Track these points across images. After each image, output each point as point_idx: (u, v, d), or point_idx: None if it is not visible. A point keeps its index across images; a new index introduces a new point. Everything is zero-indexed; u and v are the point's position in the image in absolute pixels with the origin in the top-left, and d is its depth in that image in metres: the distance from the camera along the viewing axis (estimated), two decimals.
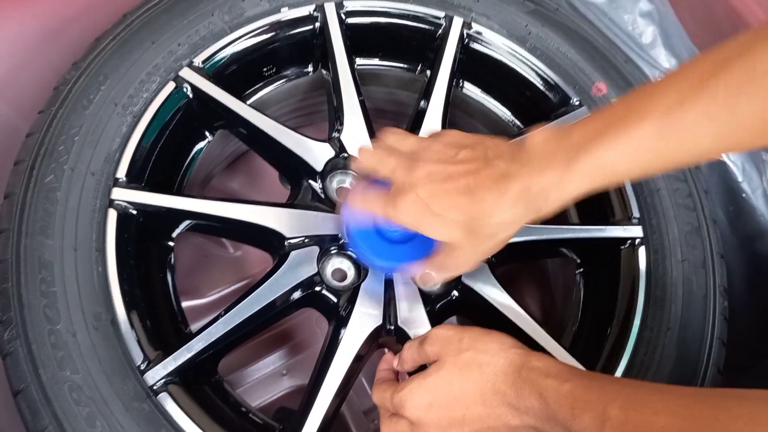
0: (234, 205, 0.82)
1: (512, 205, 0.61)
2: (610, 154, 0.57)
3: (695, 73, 0.55)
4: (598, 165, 0.58)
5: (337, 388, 0.75)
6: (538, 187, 0.60)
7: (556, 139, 0.61)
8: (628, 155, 0.57)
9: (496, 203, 0.61)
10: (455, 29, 0.98)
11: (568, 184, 0.59)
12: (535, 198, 0.61)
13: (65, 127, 0.79)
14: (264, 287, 0.78)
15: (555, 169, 0.59)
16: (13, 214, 0.74)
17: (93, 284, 0.72)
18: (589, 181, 0.59)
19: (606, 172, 0.59)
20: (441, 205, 0.63)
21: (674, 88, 0.56)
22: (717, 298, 0.87)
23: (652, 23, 1.09)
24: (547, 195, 0.60)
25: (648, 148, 0.56)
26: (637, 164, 0.58)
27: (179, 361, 0.72)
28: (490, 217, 0.62)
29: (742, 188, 1.02)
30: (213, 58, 0.89)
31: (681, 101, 0.55)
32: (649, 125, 0.56)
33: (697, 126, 0.54)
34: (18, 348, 0.68)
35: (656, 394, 0.53)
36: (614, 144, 0.57)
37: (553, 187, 0.60)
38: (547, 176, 0.59)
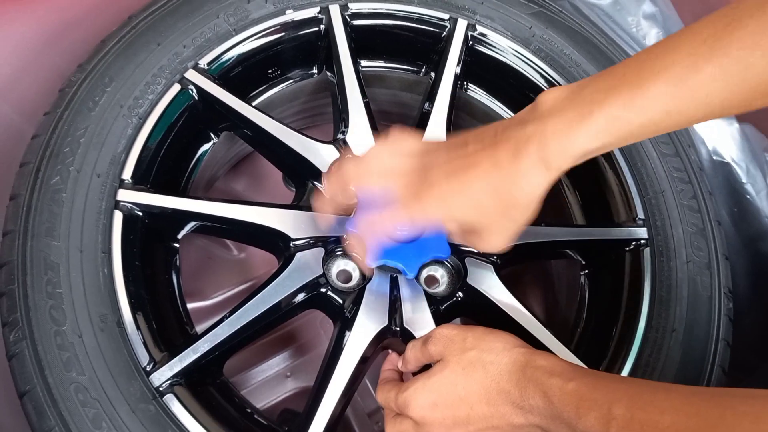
0: (239, 206, 0.82)
1: (534, 165, 0.60)
2: (622, 110, 0.57)
3: (709, 29, 0.55)
4: (611, 121, 0.57)
5: (342, 390, 0.75)
6: (553, 145, 0.59)
7: (568, 96, 0.60)
8: (641, 112, 0.57)
9: (519, 170, 0.60)
10: (459, 31, 0.98)
11: (581, 138, 0.58)
12: (554, 154, 0.59)
13: (71, 129, 0.79)
14: (269, 289, 0.78)
15: (567, 122, 0.58)
16: (18, 215, 0.74)
17: (99, 286, 0.72)
18: (603, 136, 0.58)
19: (619, 128, 0.58)
20: (466, 196, 0.62)
21: (688, 44, 0.55)
22: (722, 300, 0.87)
23: (656, 25, 1.09)
24: (563, 150, 0.59)
25: (661, 104, 0.56)
26: (650, 121, 0.57)
27: (185, 363, 0.72)
28: (518, 185, 0.61)
29: (747, 190, 1.02)
30: (218, 60, 0.89)
31: (694, 57, 0.54)
32: (663, 83, 0.55)
33: (710, 82, 0.54)
34: (24, 349, 0.68)
35: (662, 392, 0.53)
36: (627, 100, 0.56)
37: (568, 142, 0.59)
38: (561, 131, 0.58)
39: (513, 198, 0.61)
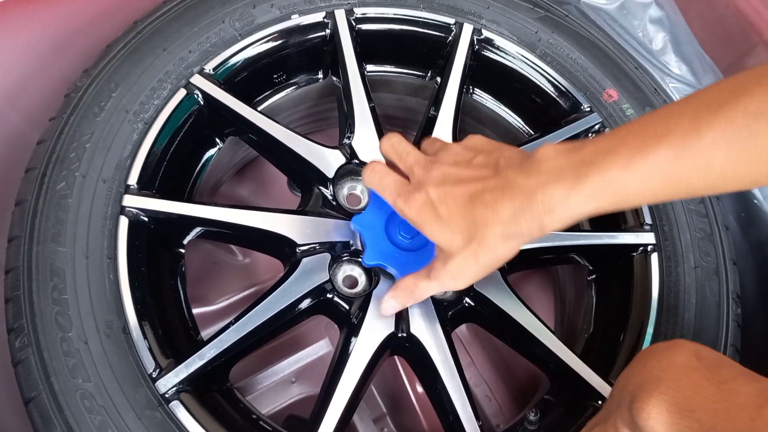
0: (245, 211, 0.82)
1: (514, 217, 0.59)
2: (620, 174, 0.55)
3: (714, 96, 0.54)
4: (607, 184, 0.56)
5: (349, 397, 0.75)
6: (543, 202, 0.57)
7: (567, 153, 0.58)
8: (639, 176, 0.55)
9: (498, 213, 0.59)
10: (465, 36, 0.97)
11: (574, 201, 0.57)
12: (540, 213, 0.58)
13: (76, 134, 0.79)
14: (275, 294, 0.78)
15: (562, 184, 0.57)
16: (24, 221, 0.74)
17: (105, 292, 0.72)
18: (597, 200, 0.57)
19: (615, 192, 0.56)
20: (446, 209, 0.62)
21: (692, 108, 0.54)
22: (730, 305, 0.87)
23: (662, 29, 1.09)
24: (552, 210, 0.58)
25: (660, 170, 0.54)
26: (648, 187, 0.55)
27: (191, 369, 0.71)
28: (491, 228, 0.60)
29: (754, 194, 1.02)
30: (224, 65, 0.89)
31: (697, 123, 0.53)
32: (664, 148, 0.54)
33: (712, 149, 0.52)
34: (30, 356, 0.68)
35: None
36: (626, 164, 0.55)
37: (559, 203, 0.57)
38: (554, 191, 0.57)
39: (480, 235, 0.62)
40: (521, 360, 0.89)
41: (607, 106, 0.97)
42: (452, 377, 0.78)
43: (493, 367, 1.13)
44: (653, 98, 0.99)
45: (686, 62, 1.07)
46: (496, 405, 1.10)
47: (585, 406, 0.81)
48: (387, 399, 1.09)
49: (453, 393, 0.77)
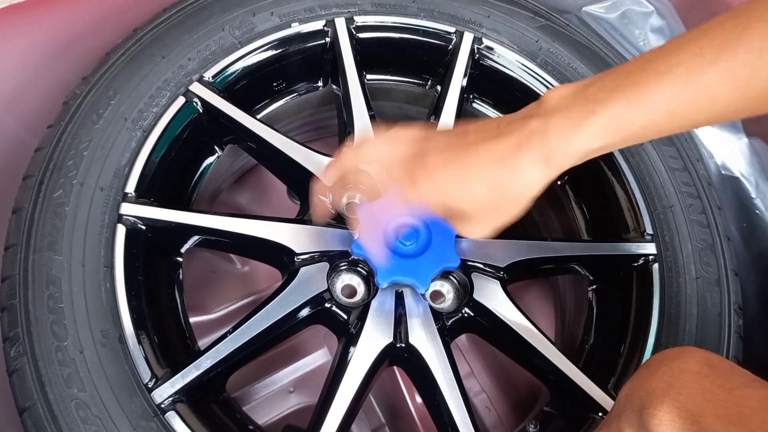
0: (243, 220, 0.81)
1: (534, 162, 0.59)
2: (626, 110, 0.56)
3: (717, 30, 0.54)
4: (612, 120, 0.57)
5: (347, 407, 0.74)
6: (556, 142, 0.58)
7: (573, 94, 0.59)
8: (645, 113, 0.56)
9: (518, 165, 0.59)
10: (466, 44, 0.97)
11: (583, 137, 0.58)
12: (555, 152, 0.58)
13: (74, 142, 0.78)
14: (273, 304, 0.77)
15: (570, 120, 0.58)
16: (21, 229, 0.73)
17: (101, 300, 0.72)
18: (605, 135, 0.57)
19: (621, 128, 0.57)
20: (463, 185, 0.61)
21: (695, 44, 0.54)
22: (732, 316, 0.86)
23: (663, 38, 1.09)
24: (565, 148, 0.58)
25: (666, 105, 0.55)
26: (653, 122, 0.57)
27: (187, 379, 0.71)
28: (515, 180, 0.60)
29: (756, 205, 1.01)
30: (223, 72, 0.88)
31: (700, 59, 0.53)
32: (669, 84, 0.55)
33: (716, 84, 0.53)
34: (25, 365, 0.67)
35: None
36: (631, 101, 0.56)
37: (570, 140, 0.58)
38: (564, 128, 0.58)
39: (508, 192, 0.61)
40: (521, 370, 0.88)
41: None
42: (451, 388, 0.77)
43: (493, 378, 1.12)
44: None
45: None
46: (496, 416, 1.09)
47: (585, 418, 0.80)
48: (386, 410, 1.08)
49: (452, 404, 0.76)
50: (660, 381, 0.52)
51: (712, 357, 0.53)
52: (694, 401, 0.49)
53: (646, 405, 0.51)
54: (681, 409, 0.49)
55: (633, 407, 0.53)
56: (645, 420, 0.51)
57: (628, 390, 0.55)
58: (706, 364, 0.52)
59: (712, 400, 0.49)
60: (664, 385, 0.51)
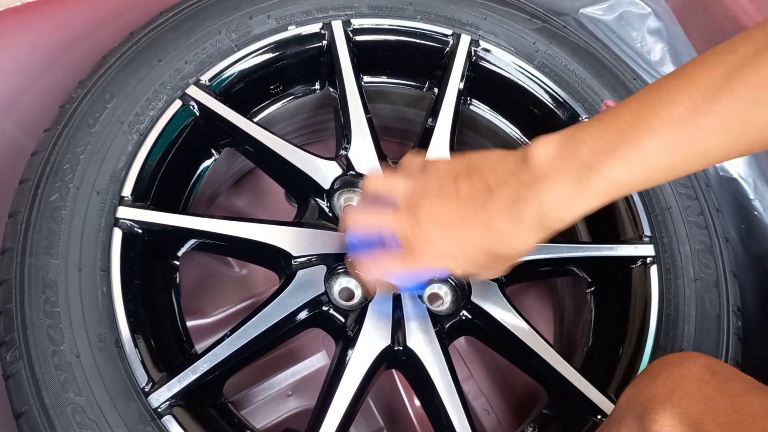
0: (240, 223, 0.81)
1: (528, 230, 0.60)
2: (620, 172, 0.56)
3: (706, 79, 0.53)
4: (610, 182, 0.57)
5: (345, 411, 0.74)
6: (550, 209, 0.59)
7: (563, 158, 0.58)
8: (640, 170, 0.56)
9: (513, 232, 0.61)
10: (463, 47, 0.97)
11: (579, 202, 0.58)
12: (549, 219, 0.59)
13: (71, 145, 0.78)
14: (270, 307, 0.77)
15: (566, 189, 0.57)
16: (17, 233, 0.73)
17: (97, 304, 0.71)
18: (599, 198, 0.58)
19: (618, 188, 0.57)
20: (458, 247, 0.63)
21: (685, 96, 0.54)
22: (731, 318, 0.86)
23: (661, 40, 1.09)
24: (560, 215, 0.59)
25: (659, 161, 0.55)
26: (648, 177, 0.57)
27: (184, 383, 0.70)
28: (509, 245, 0.62)
29: (754, 206, 1.01)
30: (220, 76, 0.88)
31: (694, 112, 0.53)
32: (662, 139, 0.54)
33: (709, 138, 0.53)
34: (21, 369, 0.67)
35: None
36: (626, 161, 0.55)
37: (565, 207, 0.58)
38: (559, 197, 0.58)
39: (504, 254, 0.64)
40: (520, 373, 0.88)
41: None
42: (449, 391, 0.77)
43: (492, 380, 1.12)
44: None
45: None
46: (495, 419, 1.08)
47: (584, 421, 0.80)
48: (384, 413, 1.08)
49: (450, 408, 0.76)
50: (662, 387, 0.52)
51: (714, 363, 0.53)
52: (696, 408, 0.49)
53: (647, 410, 0.51)
54: (683, 416, 0.49)
55: (634, 412, 0.53)
56: (646, 425, 0.50)
57: (629, 395, 0.55)
58: (708, 370, 0.52)
59: (714, 407, 0.48)
60: (665, 391, 0.51)
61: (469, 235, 0.62)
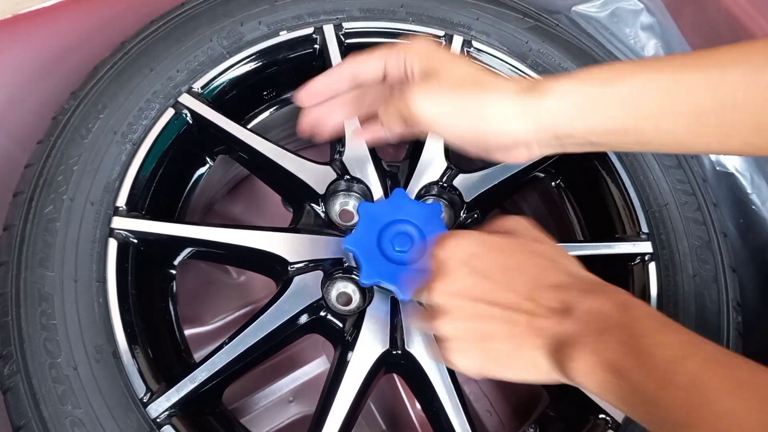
0: (235, 230, 0.81)
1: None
2: None
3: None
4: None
5: (344, 416, 0.74)
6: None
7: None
8: None
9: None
10: (456, 48, 0.97)
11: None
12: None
13: (64, 157, 0.78)
14: (267, 314, 0.77)
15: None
16: (12, 246, 0.73)
17: (94, 316, 0.71)
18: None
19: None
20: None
21: None
22: (731, 313, 0.86)
23: (654, 36, 1.08)
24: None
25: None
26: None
27: (183, 393, 0.70)
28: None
29: (752, 200, 1.01)
30: (212, 83, 0.88)
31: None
32: None
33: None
34: (18, 383, 0.67)
35: None
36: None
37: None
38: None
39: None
40: None
41: None
42: (449, 395, 0.77)
43: (494, 382, 1.12)
44: None
45: None
46: (497, 419, 1.08)
47: (585, 420, 0.79)
48: (386, 417, 1.08)
49: (450, 411, 0.76)
50: (580, 330, 0.52)
51: (627, 300, 0.53)
52: (613, 354, 0.49)
53: (566, 358, 0.51)
54: (602, 363, 0.50)
55: (553, 344, 0.53)
56: (567, 373, 0.51)
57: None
58: (622, 309, 0.52)
59: (629, 352, 0.49)
60: (582, 340, 0.51)
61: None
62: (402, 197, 0.78)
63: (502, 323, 0.55)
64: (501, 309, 0.55)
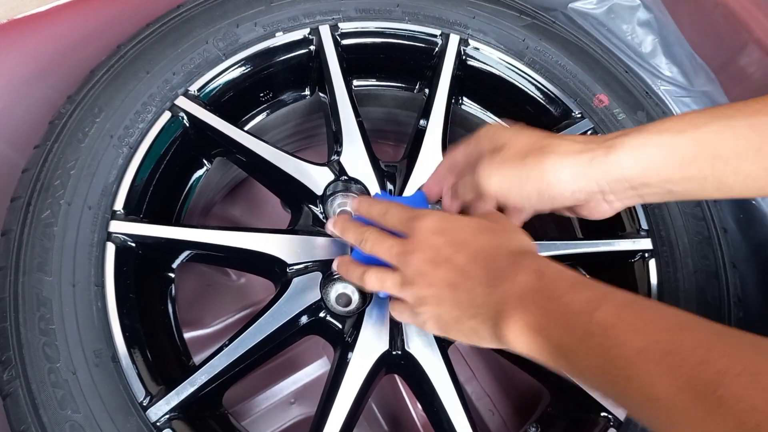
0: (233, 233, 0.80)
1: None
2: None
3: None
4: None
5: (345, 417, 0.73)
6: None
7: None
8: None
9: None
10: (452, 47, 0.97)
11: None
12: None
13: (61, 161, 0.78)
14: (266, 316, 0.77)
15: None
16: (10, 251, 0.73)
17: (92, 320, 0.71)
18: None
19: None
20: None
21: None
22: (732, 309, 0.85)
23: (651, 32, 1.08)
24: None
25: None
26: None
27: (182, 396, 0.70)
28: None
29: None
30: (208, 85, 0.88)
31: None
32: None
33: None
34: (18, 388, 0.67)
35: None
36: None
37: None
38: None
39: None
40: (523, 372, 0.87)
41: (598, 111, 0.96)
42: (450, 395, 0.76)
43: (496, 380, 1.11)
44: (644, 101, 0.97)
45: (677, 64, 1.06)
46: (499, 419, 1.08)
47: (586, 419, 0.79)
48: (388, 418, 1.08)
49: (451, 411, 0.76)
50: (509, 296, 0.57)
51: (542, 265, 0.58)
52: (534, 317, 0.55)
53: (498, 323, 0.57)
54: (526, 326, 0.55)
55: (490, 311, 0.58)
56: (500, 337, 0.57)
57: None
58: (537, 275, 0.57)
59: (547, 313, 0.54)
60: (510, 306, 0.56)
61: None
62: (421, 200, 0.77)
63: (449, 290, 0.61)
64: (449, 278, 0.61)
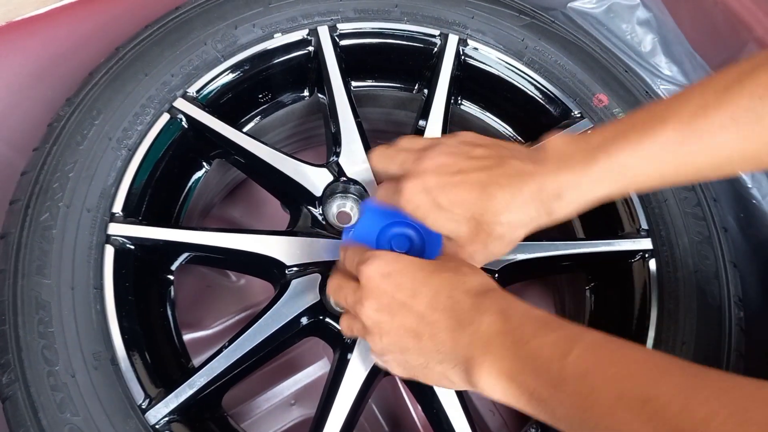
0: (231, 235, 0.80)
1: (524, 205, 0.59)
2: (629, 157, 0.56)
3: (719, 81, 0.55)
4: (616, 167, 0.57)
5: (345, 419, 0.73)
6: (552, 188, 0.58)
7: (576, 142, 0.59)
8: (648, 159, 0.56)
9: (507, 202, 0.59)
10: (451, 47, 0.97)
11: (584, 185, 0.58)
12: (549, 199, 0.59)
13: (59, 163, 0.78)
14: (265, 318, 0.77)
15: (572, 169, 0.58)
16: (9, 254, 0.73)
17: (91, 323, 0.71)
18: (607, 184, 0.58)
19: (624, 176, 0.57)
20: (448, 198, 0.61)
21: (698, 94, 0.55)
22: (732, 309, 0.85)
23: (651, 31, 1.08)
24: (561, 196, 0.58)
25: (669, 152, 0.55)
26: (656, 170, 0.57)
27: (181, 398, 0.70)
28: (500, 216, 0.60)
29: (752, 194, 1.00)
30: (207, 87, 0.88)
31: (704, 106, 0.54)
32: (672, 129, 0.55)
33: (719, 130, 0.54)
34: (17, 391, 0.67)
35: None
36: (634, 146, 0.56)
37: (569, 188, 0.58)
38: (563, 176, 0.58)
39: (487, 223, 0.61)
40: None
41: (597, 111, 0.96)
42: (449, 396, 0.76)
43: None
44: (644, 101, 0.97)
45: (676, 63, 1.06)
46: (500, 419, 1.08)
47: None
48: (389, 419, 1.08)
49: (450, 412, 0.75)
50: (475, 344, 0.54)
51: (506, 307, 0.55)
52: (506, 364, 0.52)
53: (470, 371, 0.54)
54: (499, 372, 0.52)
55: (457, 359, 0.56)
56: (474, 383, 0.55)
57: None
58: (502, 318, 0.54)
59: (516, 359, 0.51)
60: (479, 353, 0.54)
61: (463, 193, 0.60)
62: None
63: (411, 338, 0.58)
64: (408, 326, 0.58)
